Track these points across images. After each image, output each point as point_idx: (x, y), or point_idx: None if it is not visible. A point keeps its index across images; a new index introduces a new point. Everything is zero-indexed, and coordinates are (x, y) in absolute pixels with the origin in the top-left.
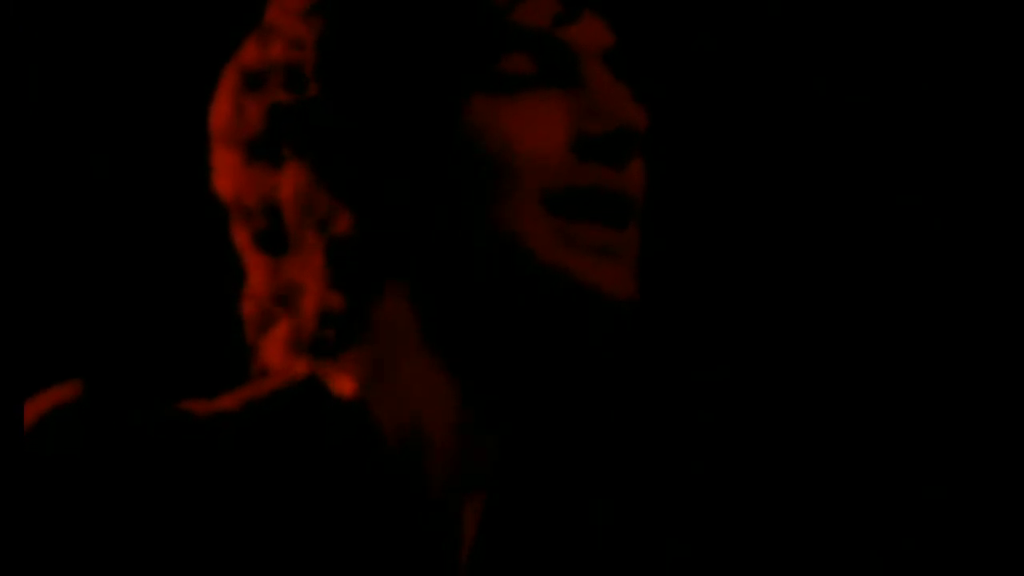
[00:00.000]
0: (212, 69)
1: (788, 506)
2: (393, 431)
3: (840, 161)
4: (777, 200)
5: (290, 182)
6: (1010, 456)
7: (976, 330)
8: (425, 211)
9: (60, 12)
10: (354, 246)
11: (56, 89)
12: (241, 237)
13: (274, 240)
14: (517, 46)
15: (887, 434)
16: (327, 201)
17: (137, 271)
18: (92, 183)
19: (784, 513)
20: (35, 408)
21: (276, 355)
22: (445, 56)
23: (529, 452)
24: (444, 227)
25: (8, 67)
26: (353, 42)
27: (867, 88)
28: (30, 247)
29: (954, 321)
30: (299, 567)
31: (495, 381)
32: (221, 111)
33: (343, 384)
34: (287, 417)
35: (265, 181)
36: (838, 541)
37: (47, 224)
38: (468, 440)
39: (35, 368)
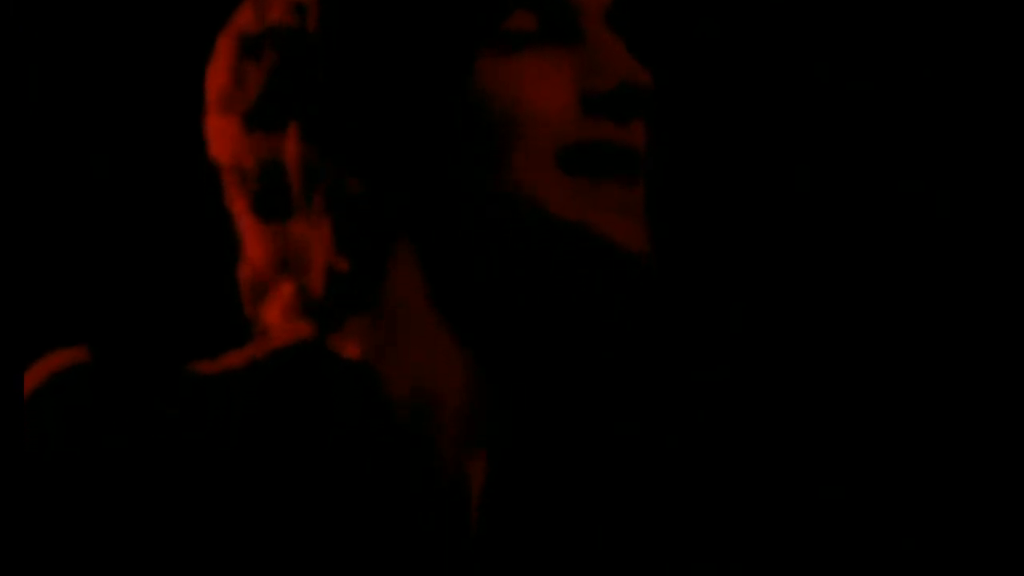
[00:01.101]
0: (202, 37)
1: (788, 506)
2: (402, 396)
3: (839, 158)
4: (777, 198)
5: (294, 146)
6: (1010, 456)
7: (978, 330)
8: (435, 171)
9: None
10: (362, 209)
11: (47, 56)
12: (238, 205)
13: (276, 205)
14: (520, 3)
15: (888, 434)
16: (334, 164)
17: (135, 245)
18: (86, 155)
19: (784, 513)
20: (41, 371)
21: (278, 322)
22: (451, 14)
23: (537, 412)
24: (455, 187)
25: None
26: (357, 2)
27: (868, 77)
28: (28, 219)
29: (956, 319)
30: (306, 525)
31: (507, 344)
32: (218, 78)
33: (348, 348)
34: (292, 375)
35: (266, 146)
36: (838, 541)
37: (42, 197)
38: (477, 403)
39: (37, 340)
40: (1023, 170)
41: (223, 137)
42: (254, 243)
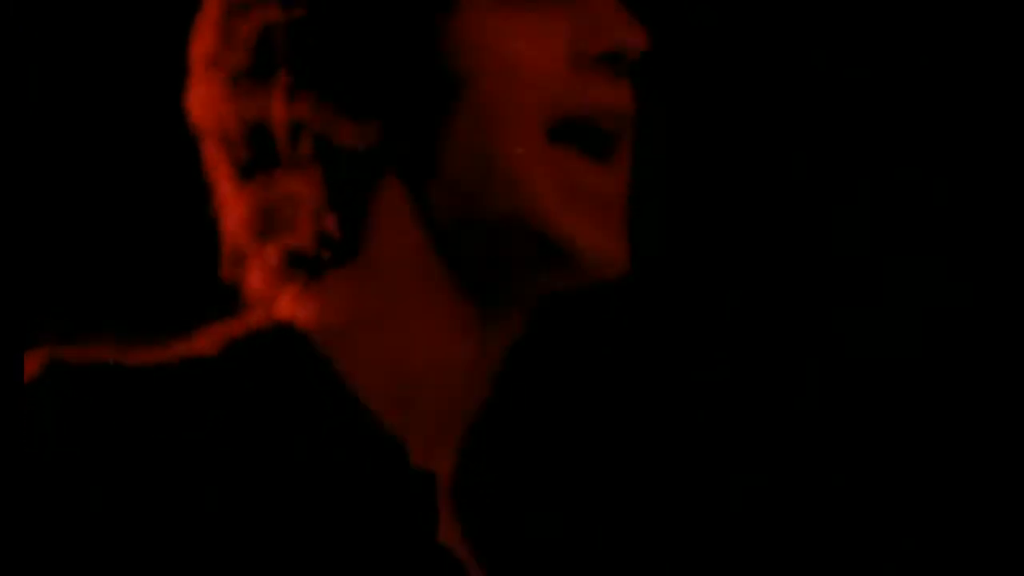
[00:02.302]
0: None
1: (788, 507)
2: (377, 383)
3: (836, 149)
4: (777, 198)
5: (282, 102)
6: (1010, 456)
7: (977, 324)
8: (422, 121)
9: None
10: (351, 157)
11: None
12: (220, 169)
13: (261, 162)
14: None
15: (889, 434)
16: (325, 118)
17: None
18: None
19: (784, 513)
20: None
21: (265, 282)
22: None
23: (515, 396)
24: (441, 138)
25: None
26: None
27: (864, 65)
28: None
29: (956, 314)
30: (269, 517)
31: (492, 305)
32: (205, 38)
33: (332, 314)
34: (260, 370)
35: (252, 104)
36: (838, 541)
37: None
38: (468, 368)
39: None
40: (1019, 157)
41: (207, 100)
42: (234, 208)
